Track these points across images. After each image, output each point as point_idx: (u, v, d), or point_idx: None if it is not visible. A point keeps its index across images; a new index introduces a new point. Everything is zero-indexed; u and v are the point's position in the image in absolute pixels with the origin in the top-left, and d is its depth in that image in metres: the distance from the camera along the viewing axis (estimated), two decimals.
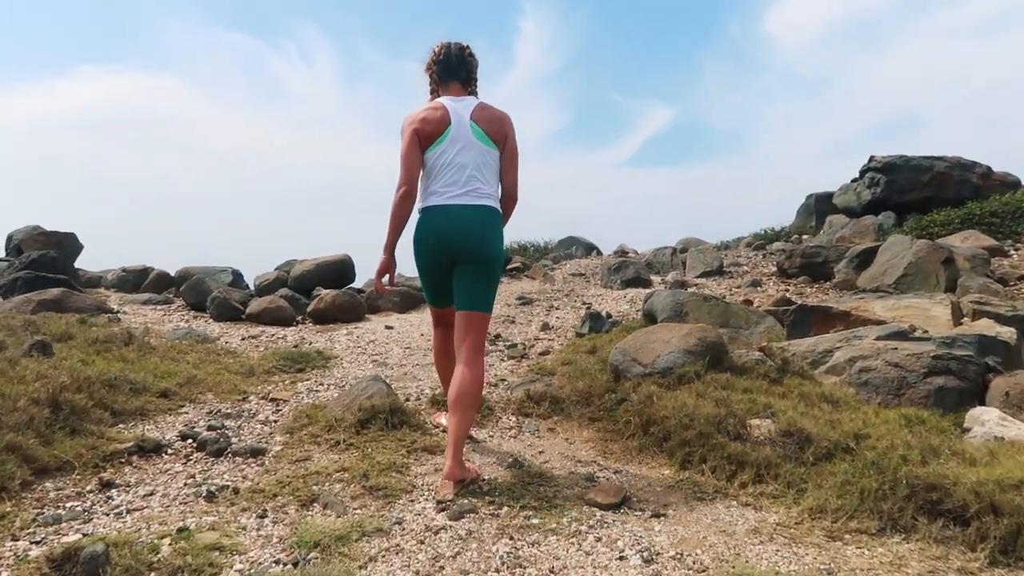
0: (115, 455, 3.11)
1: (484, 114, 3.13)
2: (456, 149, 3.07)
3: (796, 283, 8.15)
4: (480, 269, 3.05)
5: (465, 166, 3.05)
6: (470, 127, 3.09)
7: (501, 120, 3.15)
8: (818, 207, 19.65)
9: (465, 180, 3.05)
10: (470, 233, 3.02)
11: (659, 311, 5.19)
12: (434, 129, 3.07)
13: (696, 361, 3.63)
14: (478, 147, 3.08)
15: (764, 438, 2.97)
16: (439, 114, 3.09)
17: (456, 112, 3.10)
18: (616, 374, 3.84)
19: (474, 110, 3.12)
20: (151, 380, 4.06)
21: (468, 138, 3.08)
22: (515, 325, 6.51)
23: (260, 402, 4.03)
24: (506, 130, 3.16)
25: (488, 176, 3.11)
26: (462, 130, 3.08)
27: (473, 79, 3.26)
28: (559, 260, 11.70)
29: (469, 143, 3.07)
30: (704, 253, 9.64)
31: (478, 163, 3.08)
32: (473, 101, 3.17)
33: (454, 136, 3.07)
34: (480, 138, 3.09)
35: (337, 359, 5.20)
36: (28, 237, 9.27)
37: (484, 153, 3.10)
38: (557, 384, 4.25)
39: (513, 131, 3.19)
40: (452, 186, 3.05)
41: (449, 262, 3.08)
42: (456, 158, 3.06)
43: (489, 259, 3.06)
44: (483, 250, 3.04)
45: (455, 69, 3.21)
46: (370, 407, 3.40)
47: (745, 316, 5.10)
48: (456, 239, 3.02)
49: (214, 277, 8.14)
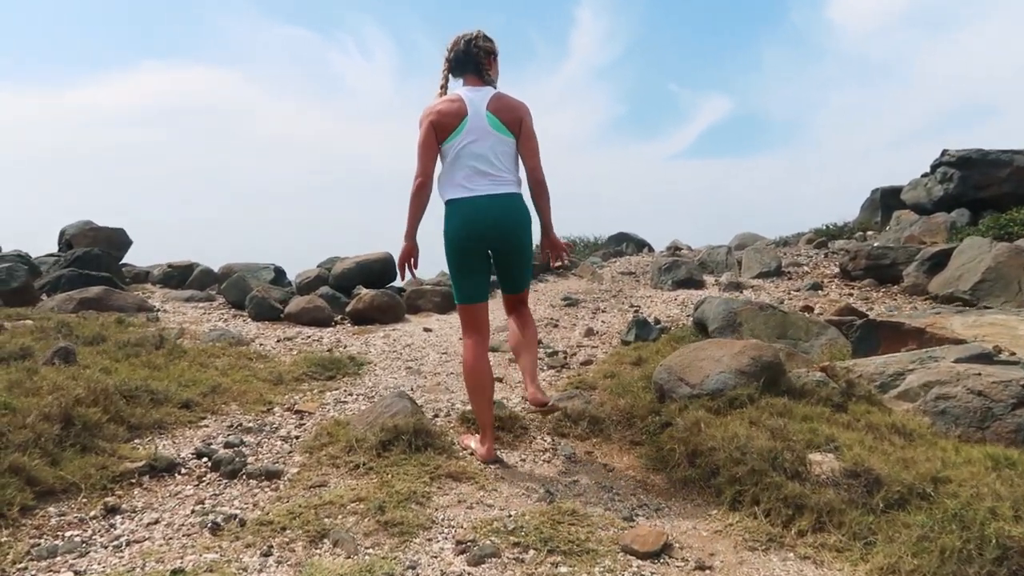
0: (125, 475, 2.95)
1: (500, 103, 3.19)
2: (473, 139, 3.14)
3: (860, 286, 7.66)
4: (516, 257, 3.25)
5: (483, 156, 3.14)
6: (486, 117, 3.16)
7: (515, 108, 3.21)
8: (884, 202, 18.81)
9: (486, 170, 3.14)
10: (498, 220, 3.14)
11: (710, 320, 4.84)
12: (451, 120, 3.15)
13: (749, 383, 3.29)
14: (495, 136, 3.16)
15: (826, 478, 2.63)
16: (456, 106, 3.17)
17: (473, 102, 3.17)
18: (661, 393, 3.54)
19: (490, 100, 3.19)
20: (174, 389, 3.91)
21: (484, 128, 3.15)
22: (558, 329, 6.23)
23: (284, 414, 3.85)
24: (520, 116, 3.21)
25: (507, 164, 3.20)
26: (478, 120, 3.15)
27: (484, 69, 3.27)
28: (608, 257, 11.35)
29: (486, 133, 3.15)
30: (761, 252, 9.18)
31: (496, 152, 3.16)
32: (490, 91, 3.23)
33: (471, 126, 3.15)
34: (496, 127, 3.16)
35: (370, 365, 5.01)
36: (79, 232, 9.37)
37: (501, 142, 3.17)
38: (597, 400, 3.97)
39: (529, 118, 3.24)
40: (475, 176, 3.14)
41: (482, 252, 3.20)
42: (474, 148, 3.14)
43: (523, 244, 3.24)
44: (516, 236, 3.19)
45: (464, 62, 3.27)
46: (393, 427, 3.17)
47: (805, 327, 4.72)
48: (488, 229, 3.14)
49: (256, 274, 8.07)
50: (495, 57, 3.32)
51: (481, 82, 3.26)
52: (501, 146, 3.17)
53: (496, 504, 2.76)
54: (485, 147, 3.14)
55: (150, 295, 8.02)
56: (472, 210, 3.13)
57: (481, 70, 3.26)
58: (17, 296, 6.32)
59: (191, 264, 8.79)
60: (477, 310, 3.26)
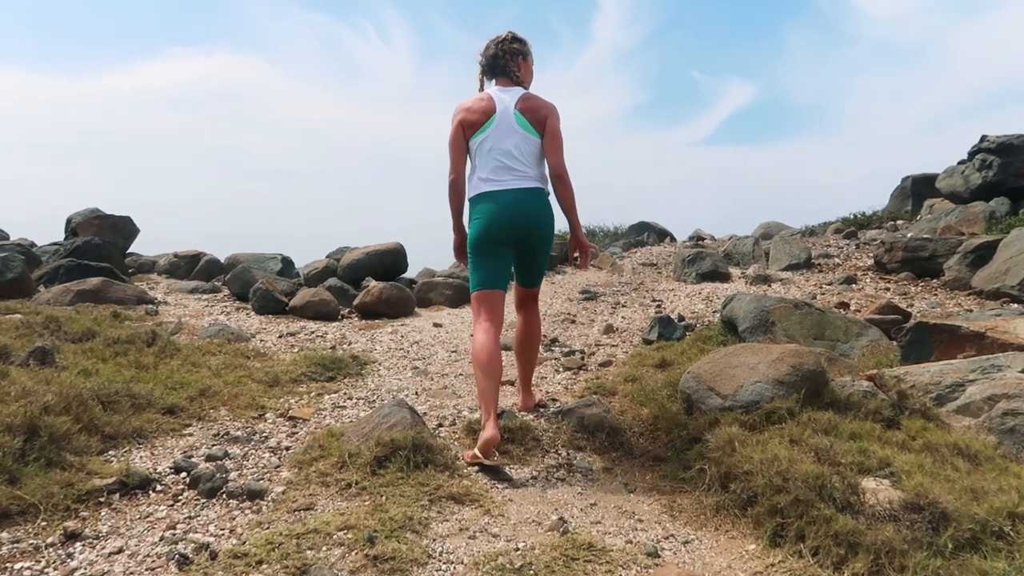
0: (92, 494, 2.65)
1: (528, 103, 3.31)
2: (499, 135, 3.27)
3: (897, 280, 7.23)
4: (536, 251, 3.36)
5: (508, 152, 3.25)
6: (514, 115, 3.28)
7: (541, 108, 3.30)
8: (915, 190, 18.21)
9: (511, 165, 3.25)
10: (521, 213, 3.25)
11: (740, 318, 4.47)
12: (479, 118, 3.30)
13: (789, 394, 2.94)
14: (520, 134, 3.27)
15: (883, 510, 2.28)
16: (484, 103, 3.32)
17: (502, 101, 3.31)
18: (688, 404, 3.19)
19: (519, 99, 3.31)
20: (159, 393, 3.62)
21: (511, 125, 3.27)
22: (575, 326, 5.88)
23: (276, 421, 3.54)
24: (546, 115, 3.30)
25: (531, 161, 3.29)
26: (506, 118, 3.28)
27: (512, 70, 3.39)
28: (629, 248, 10.97)
29: (512, 130, 3.27)
30: (789, 243, 8.76)
31: (521, 149, 3.27)
32: (519, 91, 3.36)
33: (498, 123, 3.28)
34: (523, 126, 3.28)
35: (374, 365, 4.69)
36: (85, 220, 9.14)
37: (526, 140, 3.28)
38: (617, 408, 3.62)
39: (555, 117, 3.32)
40: (499, 170, 3.26)
41: (504, 245, 3.29)
42: (499, 144, 3.26)
43: (544, 239, 3.34)
44: (538, 230, 3.30)
45: (494, 65, 3.41)
46: (389, 441, 2.85)
47: (844, 327, 4.34)
48: (511, 222, 3.24)
49: (262, 265, 7.79)
50: (524, 58, 3.43)
51: (511, 83, 3.39)
52: (526, 144, 3.28)
53: (502, 534, 2.43)
54: (510, 144, 3.26)
55: (154, 286, 7.77)
56: (497, 203, 3.24)
57: (509, 71, 3.39)
58: (13, 287, 6.08)
59: (197, 254, 8.54)
60: (493, 298, 3.30)
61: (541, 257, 3.40)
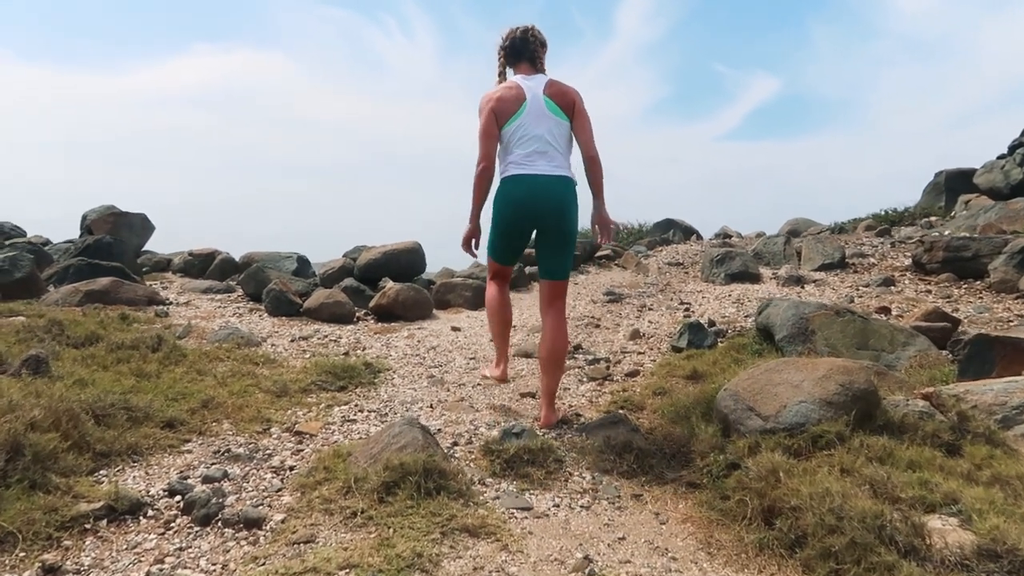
0: (78, 520, 2.44)
1: (554, 89, 3.40)
2: (532, 122, 3.34)
3: (937, 281, 6.89)
4: (560, 239, 3.37)
5: (541, 137, 3.33)
6: (544, 101, 3.37)
7: (568, 92, 3.40)
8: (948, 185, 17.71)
9: (543, 151, 3.33)
10: (549, 201, 3.32)
11: (777, 326, 4.19)
12: (510, 106, 3.37)
13: (838, 416, 2.66)
14: (552, 119, 3.36)
15: (953, 557, 2.00)
16: (514, 92, 3.39)
17: (530, 88, 3.39)
18: (725, 424, 2.92)
19: (546, 85, 3.41)
20: (159, 405, 3.42)
21: (542, 111, 3.35)
22: (599, 331, 5.62)
23: (282, 436, 3.32)
24: (573, 99, 3.39)
25: (563, 145, 3.39)
26: (536, 104, 3.36)
27: (538, 58, 3.51)
28: (654, 246, 10.67)
29: (543, 116, 3.35)
30: (822, 242, 8.42)
31: (554, 134, 3.35)
32: (543, 78, 3.45)
33: (530, 110, 3.35)
34: (553, 111, 3.36)
35: (388, 372, 4.47)
36: (100, 218, 9.03)
37: (558, 125, 3.37)
38: (646, 425, 3.37)
39: (581, 99, 3.41)
40: (531, 156, 3.32)
41: (527, 228, 3.41)
42: (532, 130, 3.34)
43: (568, 231, 3.37)
44: (561, 217, 3.34)
45: (520, 51, 3.51)
46: (398, 465, 2.61)
47: (889, 336, 4.04)
48: (537, 206, 3.33)
49: (277, 264, 7.61)
50: (545, 48, 3.55)
51: (534, 70, 3.49)
52: (558, 128, 3.37)
53: (521, 574, 2.19)
54: (543, 129, 3.33)
55: (167, 285, 7.62)
56: (525, 187, 3.32)
57: (535, 59, 3.50)
58: (21, 287, 5.94)
59: (212, 252, 8.38)
60: (506, 270, 3.73)
61: (564, 244, 3.40)
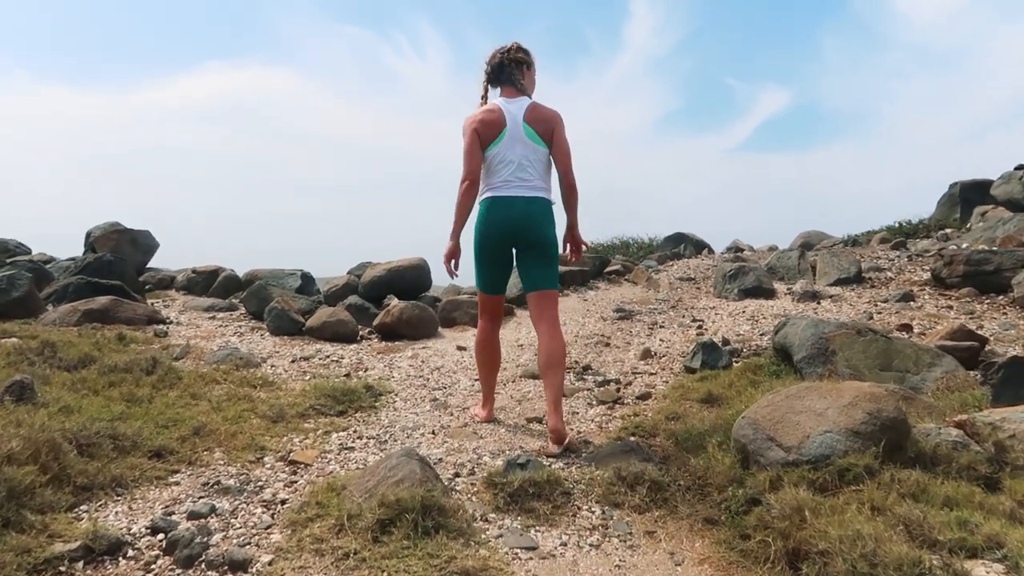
0: (52, 562, 2.28)
1: (535, 115, 3.44)
2: (511, 147, 3.40)
3: (958, 296, 6.67)
4: (539, 253, 3.44)
5: (519, 163, 3.39)
6: (523, 127, 3.41)
7: (548, 119, 3.43)
8: (963, 197, 17.46)
9: (520, 175, 3.39)
10: (527, 219, 3.39)
11: (795, 346, 4.00)
12: (492, 130, 3.41)
13: (865, 448, 2.48)
14: (530, 146, 3.41)
15: None
16: (495, 116, 3.43)
17: (510, 113, 3.43)
18: (744, 455, 2.74)
19: (526, 111, 3.43)
20: (148, 432, 3.27)
21: (521, 137, 3.40)
22: (609, 350, 5.44)
23: (275, 466, 3.16)
24: (553, 126, 3.43)
25: (540, 171, 3.44)
26: (516, 130, 3.40)
27: (517, 80, 3.49)
28: (665, 260, 10.48)
29: (522, 142, 3.40)
30: (837, 256, 8.22)
31: (531, 160, 3.41)
32: (526, 102, 3.47)
33: (510, 135, 3.40)
34: (531, 137, 3.41)
35: (389, 396, 4.31)
36: (103, 235, 8.95)
37: (534, 151, 3.42)
38: (659, 454, 3.18)
39: (562, 127, 3.46)
40: (509, 180, 3.39)
41: (508, 249, 3.48)
42: (511, 155, 3.40)
43: (546, 243, 3.44)
44: (540, 235, 3.41)
45: (500, 74, 3.50)
46: (395, 501, 2.45)
47: (914, 356, 3.85)
48: (514, 225, 3.40)
49: (281, 282, 7.48)
50: (529, 67, 3.53)
51: (517, 92, 3.49)
52: (535, 155, 3.42)
53: None
54: (520, 155, 3.39)
55: (170, 303, 7.51)
56: (503, 207, 3.39)
57: (515, 81, 3.48)
58: (19, 306, 5.84)
59: (216, 269, 8.27)
60: (496, 300, 3.64)
61: (549, 260, 3.47)
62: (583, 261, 9.03)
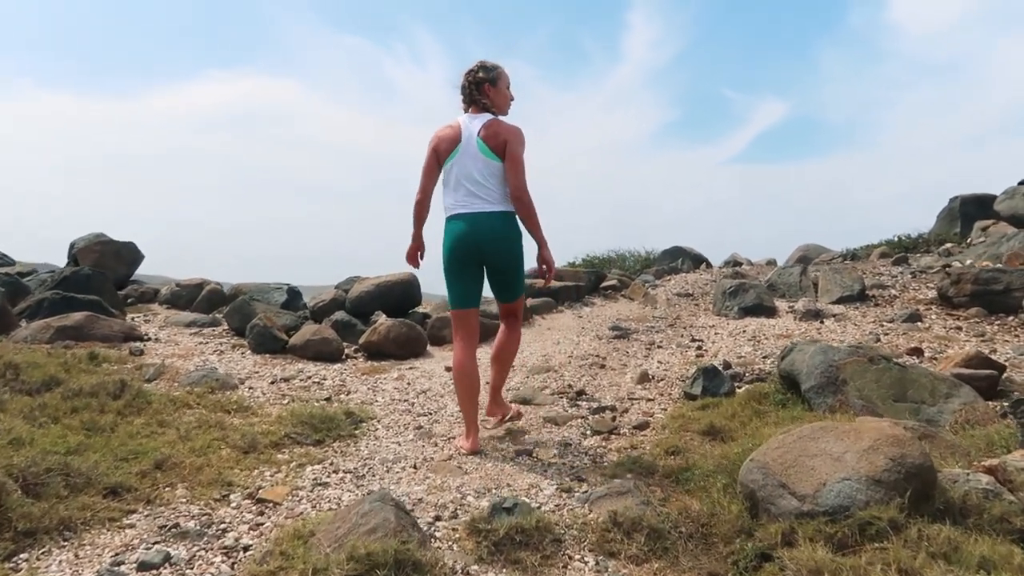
0: None
1: (490, 131, 3.51)
2: (464, 162, 3.52)
3: (967, 316, 6.45)
4: (503, 267, 3.59)
5: (472, 177, 3.50)
6: (477, 143, 3.50)
7: (501, 134, 3.49)
8: (964, 211, 17.31)
9: (476, 191, 3.50)
10: (490, 233, 3.49)
11: (803, 374, 3.76)
12: (448, 146, 3.57)
13: (889, 498, 2.24)
14: (483, 160, 3.49)
15: None
16: (452, 132, 3.58)
17: (467, 128, 3.55)
18: (753, 502, 2.50)
19: (482, 127, 3.53)
20: (105, 466, 3.02)
21: (475, 152, 3.50)
22: (605, 372, 5.19)
23: (242, 505, 2.91)
24: (505, 140, 3.48)
25: (494, 184, 3.51)
26: (470, 146, 3.52)
27: (479, 99, 3.61)
28: (662, 275, 10.26)
29: (475, 157, 3.50)
30: (840, 272, 8.00)
31: (484, 174, 3.49)
32: (485, 119, 3.57)
33: (463, 150, 3.53)
34: (484, 152, 3.49)
35: (371, 423, 4.06)
36: (87, 246, 8.69)
37: (487, 165, 3.49)
38: (659, 494, 2.93)
39: (516, 141, 3.49)
40: (467, 196, 3.52)
41: (474, 263, 3.57)
42: (465, 170, 3.52)
43: (509, 256, 3.58)
44: (501, 248, 3.54)
45: (466, 93, 3.65)
46: (365, 556, 2.19)
47: (930, 386, 3.61)
48: (476, 243, 3.50)
49: (266, 296, 7.23)
50: (493, 84, 3.61)
51: (479, 110, 3.61)
52: (488, 169, 3.49)
53: None
54: (475, 170, 3.49)
55: (151, 318, 7.25)
56: (463, 225, 3.51)
57: (477, 100, 3.61)
58: None
59: (201, 283, 8.02)
60: (467, 316, 3.64)
61: (509, 273, 3.62)
62: (579, 276, 8.81)
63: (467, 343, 3.60)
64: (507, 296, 3.72)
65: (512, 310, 3.78)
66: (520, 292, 3.76)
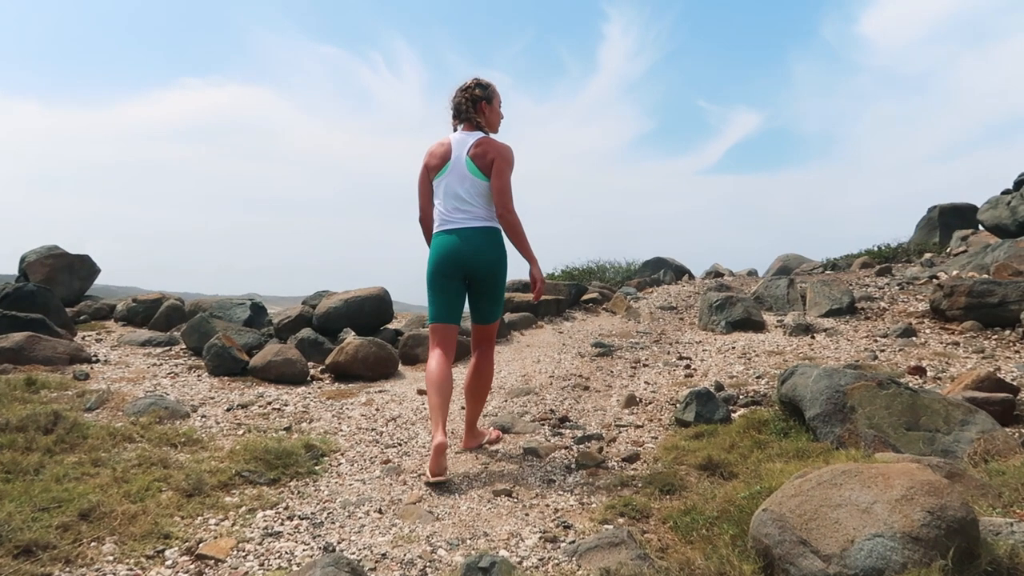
0: None
1: (478, 149, 3.51)
2: (453, 179, 3.52)
3: (962, 330, 6.21)
4: (486, 286, 3.57)
5: (458, 195, 3.49)
6: (465, 162, 3.50)
7: (489, 154, 3.48)
8: (943, 220, 17.33)
9: (462, 208, 3.49)
10: (474, 250, 3.48)
11: (807, 400, 3.45)
12: (438, 163, 3.58)
13: (928, 558, 1.92)
14: (470, 179, 3.49)
15: None
16: (443, 149, 3.58)
17: (458, 146, 3.55)
18: (768, 560, 2.16)
19: (472, 146, 3.52)
20: (21, 519, 2.61)
21: (463, 171, 3.50)
22: (589, 395, 4.86)
23: (179, 562, 2.52)
24: (492, 159, 3.47)
25: (481, 202, 3.51)
26: (458, 164, 3.52)
27: (473, 117, 3.58)
28: (644, 287, 9.97)
29: (463, 175, 3.50)
30: (828, 285, 7.75)
31: (471, 192, 3.49)
32: (475, 137, 3.55)
33: (452, 168, 3.53)
34: (472, 171, 3.49)
35: (334, 456, 3.68)
36: (38, 260, 8.21)
37: (474, 184, 3.50)
38: (655, 543, 2.59)
39: (503, 161, 3.48)
40: (454, 212, 3.51)
41: (456, 279, 3.54)
42: (452, 188, 3.52)
43: (493, 273, 3.56)
44: (485, 265, 3.52)
45: (458, 111, 3.62)
46: None
47: (944, 413, 3.32)
48: (462, 256, 3.48)
49: (227, 313, 6.82)
50: (488, 102, 3.60)
51: (472, 127, 3.59)
52: (475, 187, 3.49)
53: None
54: (461, 188, 3.50)
55: (104, 336, 6.80)
56: (448, 240, 3.50)
57: (470, 118, 3.58)
58: None
59: (159, 299, 7.58)
60: (446, 330, 3.59)
61: (491, 292, 3.59)
62: (559, 289, 8.50)
63: (443, 355, 3.50)
64: (485, 316, 3.64)
65: (487, 334, 3.69)
66: (498, 315, 3.72)
